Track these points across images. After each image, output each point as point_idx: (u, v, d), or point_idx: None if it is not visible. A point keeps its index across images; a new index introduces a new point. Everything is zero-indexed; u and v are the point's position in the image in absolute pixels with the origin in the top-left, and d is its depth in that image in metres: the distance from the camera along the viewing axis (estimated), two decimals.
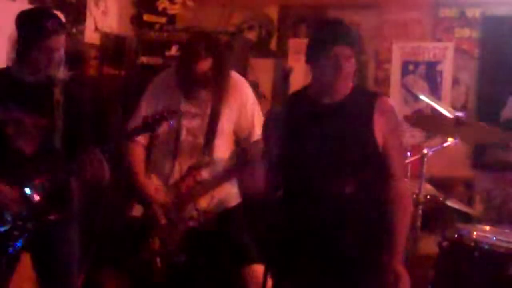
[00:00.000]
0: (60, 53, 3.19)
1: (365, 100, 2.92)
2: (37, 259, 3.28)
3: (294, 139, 2.87)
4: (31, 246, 3.19)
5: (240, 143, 3.86)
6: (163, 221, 3.71)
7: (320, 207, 2.85)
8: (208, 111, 3.75)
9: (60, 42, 3.15)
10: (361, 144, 2.85)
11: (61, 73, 3.21)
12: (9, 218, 3.08)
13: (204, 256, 3.74)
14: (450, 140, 4.10)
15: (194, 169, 3.74)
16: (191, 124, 3.77)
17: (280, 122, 2.89)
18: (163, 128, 3.60)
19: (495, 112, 4.80)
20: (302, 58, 2.98)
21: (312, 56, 2.89)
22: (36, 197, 3.08)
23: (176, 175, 3.77)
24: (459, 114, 4.06)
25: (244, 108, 3.80)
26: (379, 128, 2.86)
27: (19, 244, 3.11)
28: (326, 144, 2.84)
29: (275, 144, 2.87)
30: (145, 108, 3.76)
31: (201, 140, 3.76)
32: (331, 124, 2.87)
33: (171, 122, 3.33)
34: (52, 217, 3.18)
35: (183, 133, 3.77)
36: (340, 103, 2.89)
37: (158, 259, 3.71)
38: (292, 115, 2.87)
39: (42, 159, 3.14)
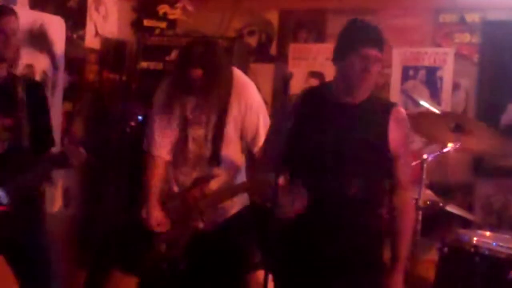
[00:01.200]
0: (15, 38, 3.18)
1: (382, 107, 2.95)
2: (11, 260, 3.27)
3: (307, 134, 2.90)
4: (3, 247, 3.20)
5: (247, 147, 3.79)
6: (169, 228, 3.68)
7: (324, 205, 2.86)
8: (214, 118, 3.68)
9: (10, 24, 3.13)
10: (374, 147, 2.89)
11: (61, 77, 3.21)
12: None
13: (209, 262, 3.70)
14: (450, 145, 4.09)
15: (201, 180, 3.68)
16: (197, 133, 3.71)
17: (293, 116, 2.93)
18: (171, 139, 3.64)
19: (494, 117, 4.79)
20: (302, 63, 3.00)
21: (340, 54, 2.89)
22: (5, 199, 3.08)
23: (183, 185, 3.72)
24: None
25: (250, 111, 3.70)
26: (392, 136, 2.89)
27: None
28: (340, 142, 2.86)
29: (286, 138, 2.87)
30: (159, 120, 3.76)
31: (207, 149, 3.70)
32: (348, 124, 2.89)
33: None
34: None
35: (190, 142, 3.71)
36: (358, 105, 2.91)
37: (163, 263, 3.69)
38: (307, 111, 2.93)
39: (11, 159, 3.12)
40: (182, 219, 3.65)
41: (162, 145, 3.75)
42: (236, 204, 3.79)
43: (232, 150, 3.73)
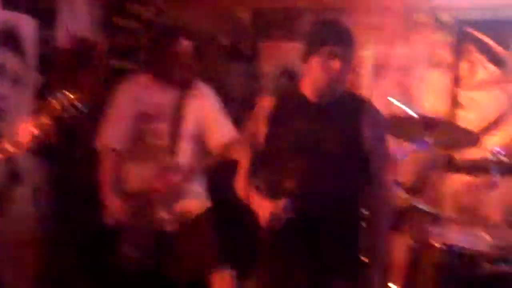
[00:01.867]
0: None
1: (355, 104, 2.94)
2: None
3: (281, 134, 2.90)
4: None
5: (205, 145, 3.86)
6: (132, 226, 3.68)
7: (302, 203, 2.87)
8: (172, 112, 3.73)
9: None
10: (349, 146, 2.88)
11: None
12: None
13: (174, 261, 3.71)
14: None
15: (161, 173, 3.69)
16: (156, 126, 3.75)
17: (271, 117, 2.95)
18: (129, 132, 3.63)
19: None
20: (275, 62, 2.99)
21: (305, 55, 2.88)
22: None
23: (142, 179, 3.73)
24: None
25: (202, 112, 3.81)
26: (367, 134, 2.88)
27: None
28: (314, 143, 2.87)
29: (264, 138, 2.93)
30: (115, 115, 3.78)
31: (165, 142, 3.73)
32: (321, 124, 2.88)
33: None
34: None
35: (148, 136, 3.75)
36: (331, 104, 2.90)
37: (129, 265, 3.68)
38: (280, 113, 2.95)
39: None
40: (146, 215, 3.66)
41: (115, 138, 3.79)
42: (200, 203, 3.85)
43: (188, 144, 3.79)
